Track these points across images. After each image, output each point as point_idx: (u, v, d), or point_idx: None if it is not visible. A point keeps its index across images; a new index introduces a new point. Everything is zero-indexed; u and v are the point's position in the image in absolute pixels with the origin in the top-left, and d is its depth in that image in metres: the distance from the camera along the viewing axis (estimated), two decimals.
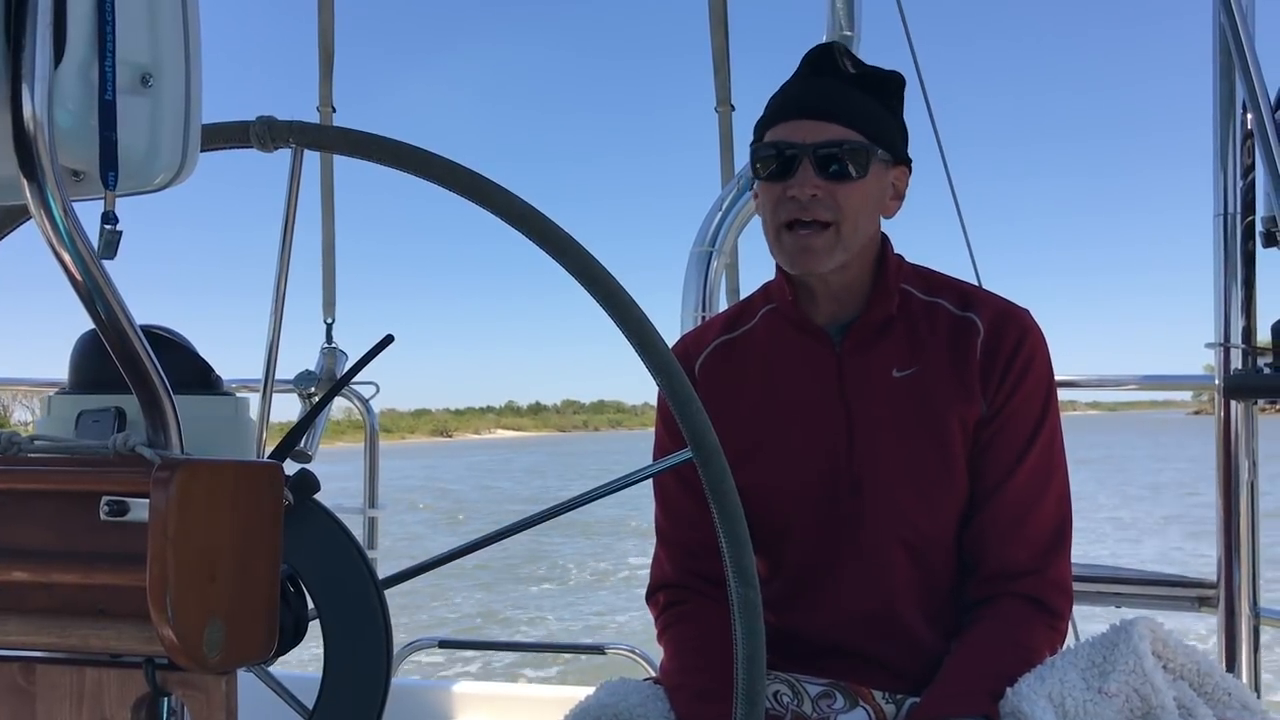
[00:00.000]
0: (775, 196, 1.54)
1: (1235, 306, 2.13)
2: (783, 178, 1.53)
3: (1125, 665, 1.38)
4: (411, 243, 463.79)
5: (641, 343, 0.95)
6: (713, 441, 0.95)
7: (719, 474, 0.95)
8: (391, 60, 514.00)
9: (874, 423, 1.56)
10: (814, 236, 1.52)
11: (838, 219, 1.52)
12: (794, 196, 1.51)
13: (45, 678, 0.79)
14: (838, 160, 1.51)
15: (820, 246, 1.52)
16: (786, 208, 1.53)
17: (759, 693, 0.95)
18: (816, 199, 1.51)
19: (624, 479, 1.03)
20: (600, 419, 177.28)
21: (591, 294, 0.95)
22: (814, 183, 1.50)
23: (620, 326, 0.95)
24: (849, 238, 1.53)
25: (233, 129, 1.01)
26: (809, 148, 1.51)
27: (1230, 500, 2.14)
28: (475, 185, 0.96)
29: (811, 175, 1.51)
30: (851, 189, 1.52)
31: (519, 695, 3.00)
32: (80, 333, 1.00)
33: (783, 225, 1.54)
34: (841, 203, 1.51)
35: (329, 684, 0.96)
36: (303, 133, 1.01)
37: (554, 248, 0.95)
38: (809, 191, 1.50)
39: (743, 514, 0.95)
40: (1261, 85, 2.01)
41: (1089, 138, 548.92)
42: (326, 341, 3.50)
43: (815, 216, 1.51)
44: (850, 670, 1.57)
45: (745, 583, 0.94)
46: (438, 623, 12.00)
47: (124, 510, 0.73)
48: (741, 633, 0.94)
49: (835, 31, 2.57)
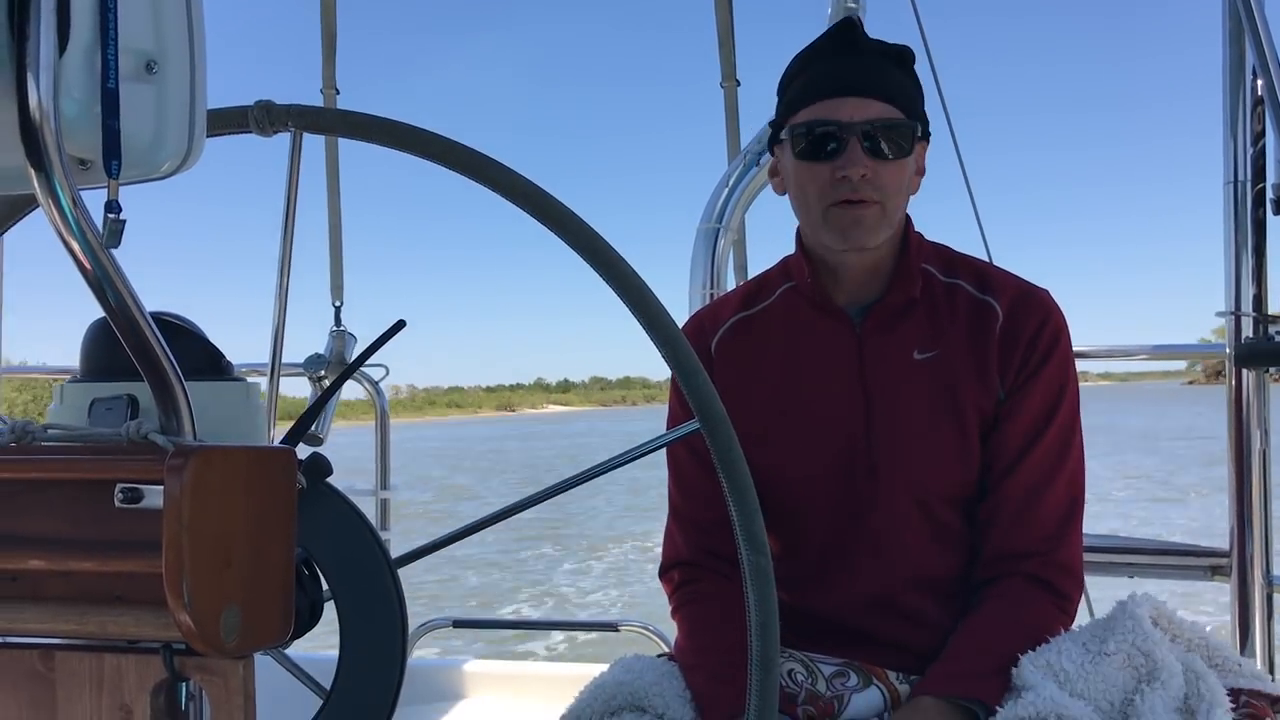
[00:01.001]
0: (823, 176, 1.52)
1: (1246, 274, 2.12)
2: (830, 157, 1.50)
3: (1124, 628, 1.38)
4: (419, 220, 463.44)
5: (645, 314, 0.95)
6: (719, 410, 0.95)
7: (726, 442, 0.95)
8: (419, 41, 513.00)
9: (893, 405, 1.56)
10: (864, 209, 1.51)
11: (883, 198, 1.51)
12: (846, 177, 1.49)
13: (64, 664, 0.80)
14: (886, 139, 1.50)
15: (871, 222, 1.51)
16: (839, 188, 1.50)
17: (772, 659, 0.95)
18: (866, 179, 1.49)
19: (632, 452, 1.03)
20: (636, 394, 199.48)
21: (593, 267, 0.95)
22: (863, 161, 1.49)
23: (622, 298, 0.95)
24: (893, 215, 1.53)
25: (231, 114, 1.01)
26: (856, 126, 1.49)
27: (1242, 469, 2.13)
28: (473, 162, 0.96)
29: (861, 155, 1.49)
30: (896, 167, 1.51)
31: (534, 673, 3.02)
32: (90, 320, 1.00)
33: (831, 204, 1.52)
34: (886, 181, 1.51)
35: (345, 665, 0.96)
36: (301, 116, 1.01)
37: (554, 222, 0.95)
38: (859, 171, 1.49)
39: (751, 482, 0.95)
40: (1272, 51, 1.99)
41: (1093, 110, 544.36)
42: (335, 325, 3.50)
43: (865, 196, 1.50)
44: (864, 650, 1.57)
45: (756, 550, 0.95)
46: (455, 602, 12.06)
47: (138, 497, 0.73)
48: (754, 599, 0.95)
49: (840, 5, 2.55)
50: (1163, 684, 1.33)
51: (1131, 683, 1.35)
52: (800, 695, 1.53)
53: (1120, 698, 1.34)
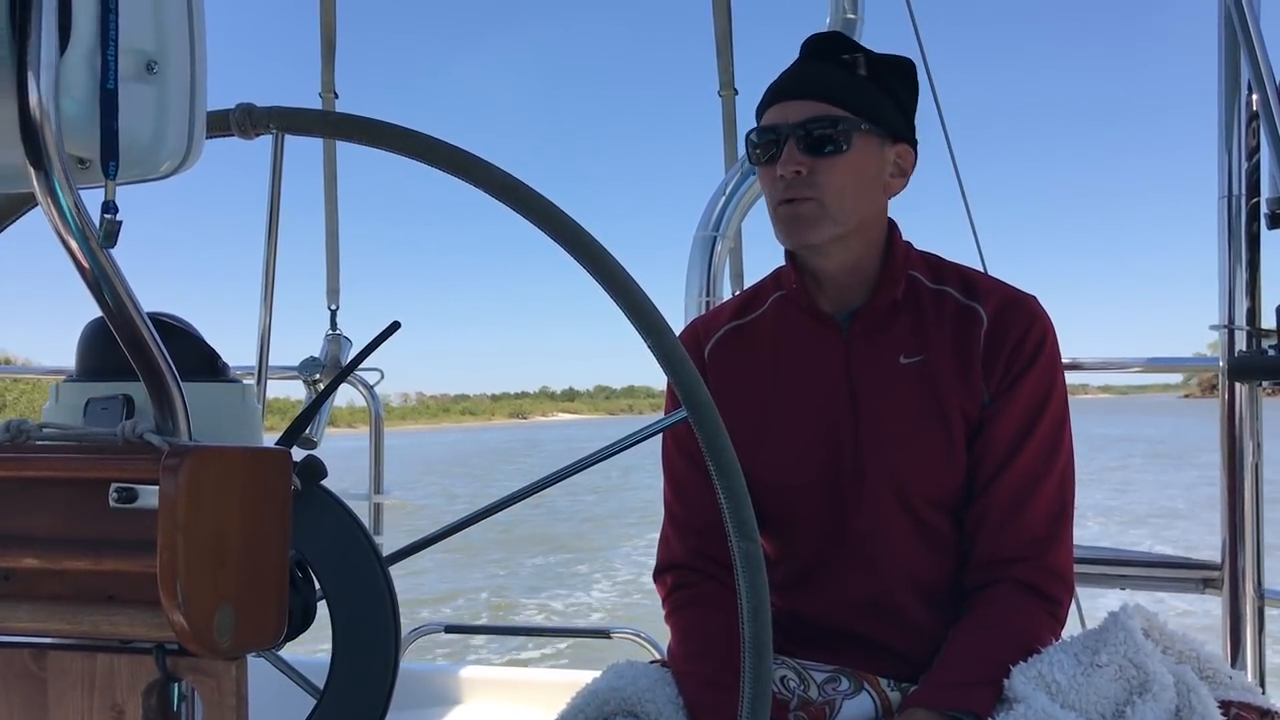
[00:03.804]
0: (769, 179, 1.58)
1: (1240, 288, 2.13)
2: (773, 160, 1.56)
3: (1115, 639, 1.38)
4: (417, 227, 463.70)
5: (630, 305, 0.95)
6: (705, 398, 0.95)
7: (713, 429, 0.95)
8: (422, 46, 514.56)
9: (880, 409, 1.57)
10: (800, 206, 1.54)
11: (820, 194, 1.54)
12: (782, 176, 1.54)
13: (56, 664, 0.80)
14: (821, 136, 1.53)
15: (809, 217, 1.54)
16: (777, 188, 1.55)
17: (765, 644, 0.95)
18: (800, 176, 1.53)
19: (621, 442, 1.02)
20: (642, 403, 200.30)
21: (579, 260, 0.95)
22: (796, 159, 1.53)
23: (607, 289, 0.95)
24: (835, 210, 1.54)
25: (213, 117, 1.01)
26: (792, 127, 1.54)
27: (1235, 482, 2.14)
28: (456, 159, 0.96)
29: (795, 154, 1.53)
30: (833, 163, 1.54)
31: (526, 679, 3.02)
32: (87, 320, 1.00)
33: (776, 205, 1.57)
34: (825, 179, 1.53)
35: (337, 667, 0.96)
36: (282, 117, 1.02)
37: (537, 216, 0.95)
38: (791, 169, 1.53)
39: (739, 468, 0.95)
40: (1267, 66, 2.00)
41: (1090, 120, 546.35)
42: (331, 328, 3.50)
43: (797, 194, 1.54)
44: (855, 656, 1.58)
45: (746, 536, 0.94)
46: (448, 607, 12.05)
47: (133, 497, 0.73)
48: (745, 587, 0.94)
49: (839, 14, 2.56)
50: (1154, 696, 1.33)
51: (1123, 695, 1.35)
52: (793, 702, 1.53)
53: (1112, 709, 1.34)
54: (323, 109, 1.01)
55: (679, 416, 0.96)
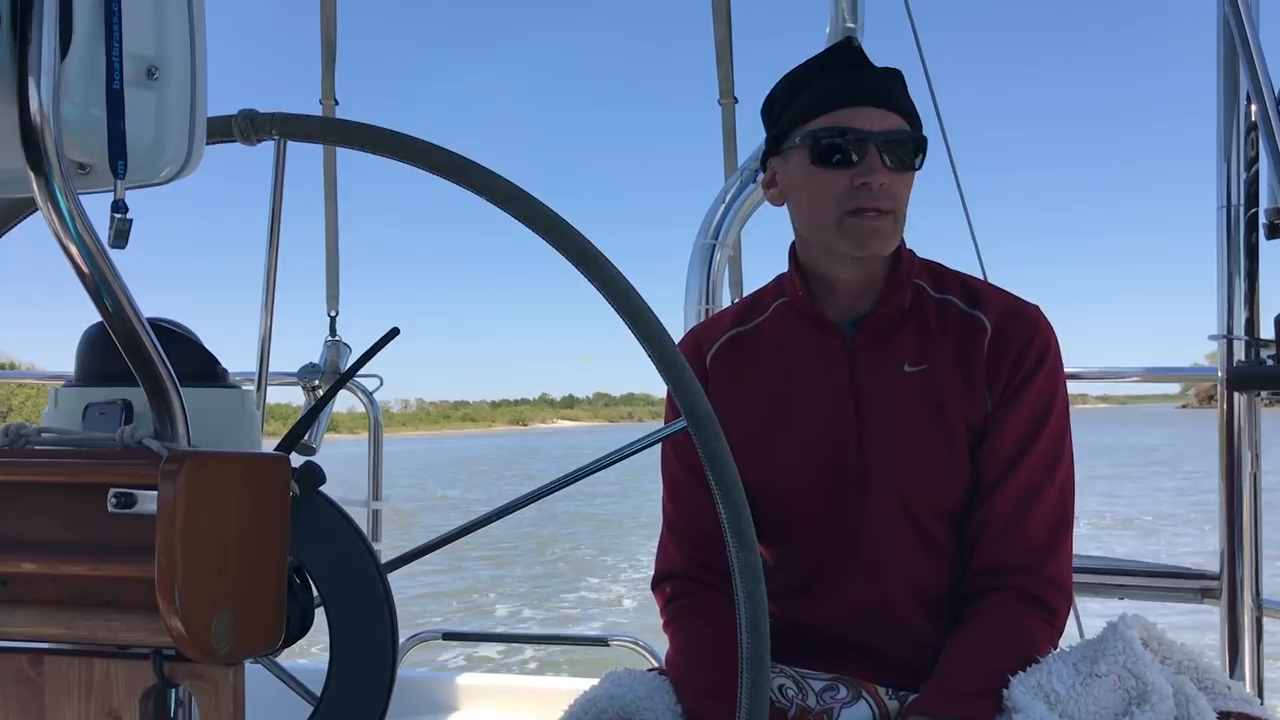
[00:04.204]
0: (840, 183, 1.52)
1: (1238, 298, 2.13)
2: (848, 165, 1.51)
3: (1114, 649, 1.38)
4: (418, 233, 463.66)
5: (630, 313, 0.95)
6: (705, 408, 0.95)
7: (713, 439, 0.94)
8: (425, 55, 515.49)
9: (884, 418, 1.56)
10: (881, 220, 1.53)
11: (897, 208, 1.53)
12: (866, 184, 1.50)
13: (53, 669, 0.80)
14: (902, 150, 1.52)
15: (887, 231, 1.54)
16: (857, 195, 1.51)
17: (763, 655, 0.94)
18: (884, 187, 1.51)
19: (620, 451, 1.02)
20: (641, 411, 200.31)
21: (580, 269, 0.95)
22: (885, 171, 1.51)
23: (607, 297, 0.95)
24: (902, 224, 1.56)
25: (215, 123, 1.01)
26: (877, 136, 1.51)
27: (1233, 492, 2.14)
28: (457, 166, 0.96)
29: (880, 164, 1.51)
30: (907, 179, 1.54)
31: (523, 686, 3.01)
32: (87, 325, 1.00)
33: (847, 212, 1.53)
34: (899, 192, 1.53)
35: (335, 673, 0.96)
36: (285, 123, 1.02)
37: (538, 223, 0.95)
38: (880, 179, 1.50)
39: (739, 478, 0.95)
40: (1265, 77, 2.00)
41: (1090, 127, 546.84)
42: (330, 334, 3.51)
43: (880, 206, 1.52)
44: (854, 665, 1.57)
45: (745, 547, 0.94)
46: (445, 615, 12.03)
47: (131, 502, 0.73)
48: (743, 597, 0.94)
49: (839, 23, 2.57)
50: (1153, 706, 1.33)
51: (1122, 705, 1.35)
52: (791, 710, 1.53)
53: (1110, 719, 1.34)
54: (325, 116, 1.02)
55: (679, 426, 0.96)
